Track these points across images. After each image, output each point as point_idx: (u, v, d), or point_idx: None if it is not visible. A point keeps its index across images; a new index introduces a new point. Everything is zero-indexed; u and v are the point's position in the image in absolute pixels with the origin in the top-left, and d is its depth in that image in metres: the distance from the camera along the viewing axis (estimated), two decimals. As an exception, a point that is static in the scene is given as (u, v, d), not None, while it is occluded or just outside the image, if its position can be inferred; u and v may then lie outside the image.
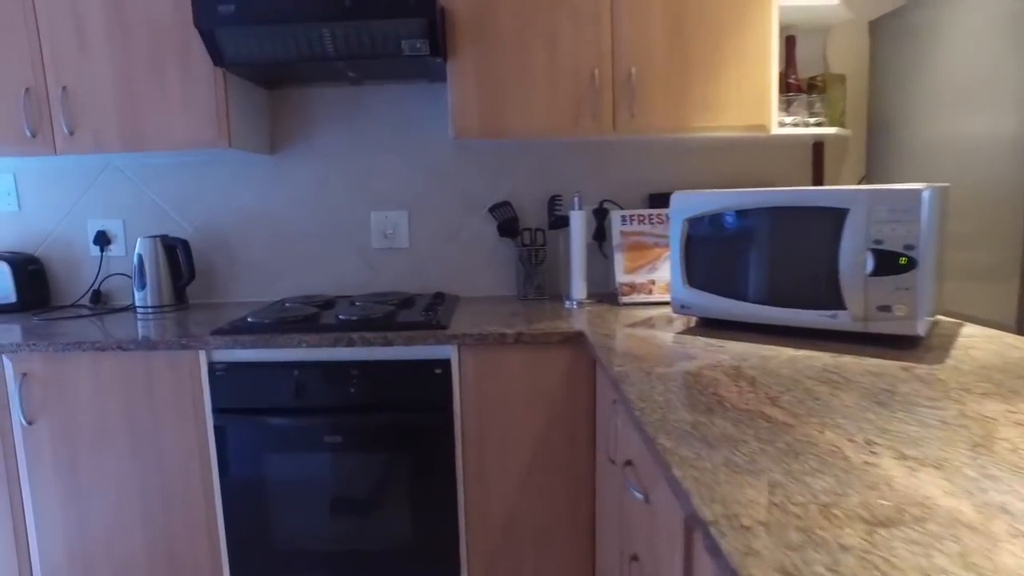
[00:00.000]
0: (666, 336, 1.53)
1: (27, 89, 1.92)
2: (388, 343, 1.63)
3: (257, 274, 2.27)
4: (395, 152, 2.19)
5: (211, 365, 1.69)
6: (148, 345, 1.67)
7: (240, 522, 1.74)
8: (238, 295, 2.29)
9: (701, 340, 1.47)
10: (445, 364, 1.66)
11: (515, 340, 1.62)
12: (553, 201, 2.11)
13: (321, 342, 1.63)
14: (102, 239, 2.27)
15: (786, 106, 1.92)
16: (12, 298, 2.19)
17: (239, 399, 1.69)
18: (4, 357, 1.75)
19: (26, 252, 2.32)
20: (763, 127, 1.86)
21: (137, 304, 2.10)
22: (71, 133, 1.92)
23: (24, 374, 1.75)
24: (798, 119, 1.92)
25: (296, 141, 2.21)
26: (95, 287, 2.30)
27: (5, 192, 2.31)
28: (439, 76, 2.05)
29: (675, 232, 1.63)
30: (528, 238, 2.18)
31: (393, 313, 1.79)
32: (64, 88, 1.91)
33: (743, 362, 1.27)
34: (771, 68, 1.83)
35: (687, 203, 1.60)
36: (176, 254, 2.12)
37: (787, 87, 1.96)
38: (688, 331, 1.58)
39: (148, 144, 1.91)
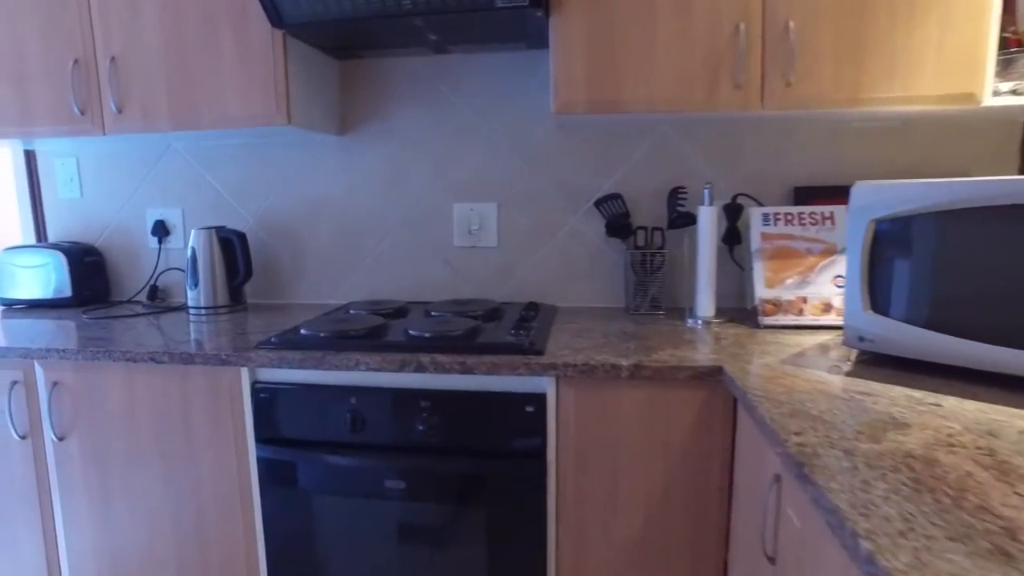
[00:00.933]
0: (844, 382, 1.10)
1: (76, 60, 1.70)
2: (468, 370, 1.28)
3: (322, 272, 1.99)
4: (484, 134, 1.85)
5: (254, 386, 1.40)
6: (183, 359, 1.40)
7: (283, 569, 1.44)
8: (301, 296, 2.01)
9: (898, 391, 1.04)
10: (539, 400, 1.29)
11: (631, 374, 1.24)
12: (676, 194, 1.70)
13: (384, 364, 1.30)
14: (161, 229, 2.05)
15: (1002, 68, 1.43)
16: (67, 292, 2.00)
17: (286, 428, 1.39)
18: (36, 364, 1.53)
19: (86, 242, 2.13)
20: (972, 97, 1.38)
21: (190, 304, 1.86)
22: (119, 110, 1.69)
23: (55, 383, 1.52)
24: (1019, 85, 1.42)
25: (369, 120, 1.90)
26: (152, 282, 2.09)
27: (67, 178, 2.13)
28: (538, 40, 1.69)
29: (855, 237, 1.20)
30: (642, 238, 1.78)
31: (475, 331, 1.44)
32: (113, 59, 1.67)
33: (991, 438, 0.83)
34: (990, 17, 1.35)
35: (876, 198, 1.17)
36: (232, 248, 1.86)
37: (1003, 43, 1.46)
38: (863, 369, 1.15)
39: (199, 121, 1.65)
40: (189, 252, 1.84)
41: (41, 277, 2.01)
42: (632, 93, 1.46)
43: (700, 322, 1.60)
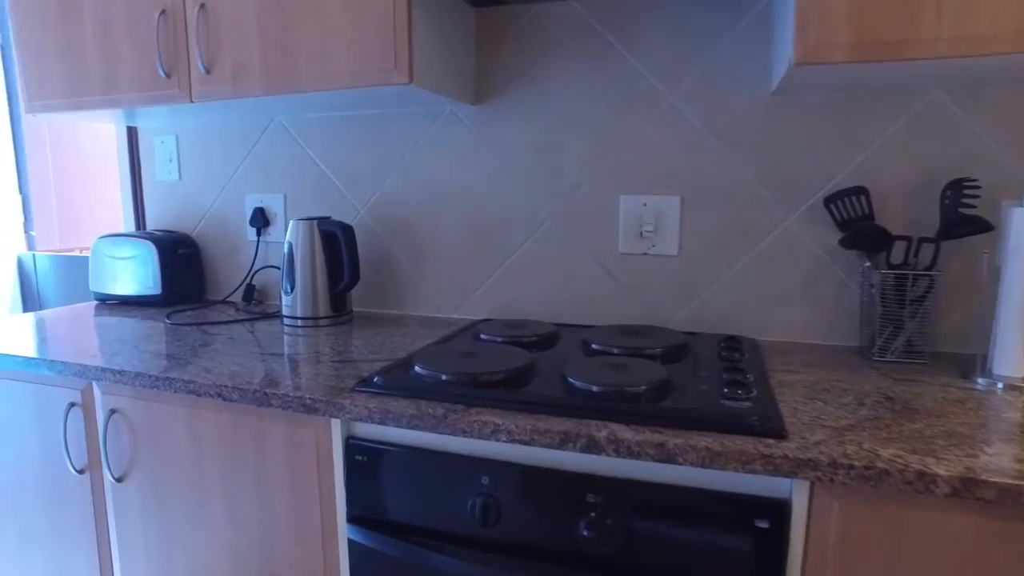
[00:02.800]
0: None
1: (163, 11, 1.38)
2: (668, 457, 0.81)
3: (446, 278, 1.58)
4: (667, 104, 1.36)
5: (348, 443, 1.00)
6: (257, 398, 1.02)
7: None
8: (418, 306, 1.62)
9: None
10: (777, 511, 0.80)
11: (952, 492, 0.72)
12: (958, 189, 1.14)
13: (534, 436, 0.86)
14: (260, 218, 1.73)
15: None
16: (156, 289, 1.72)
17: (390, 506, 0.98)
18: (95, 385, 1.22)
19: (182, 231, 1.86)
20: None
21: (284, 313, 1.51)
22: (208, 71, 1.35)
23: (112, 411, 1.20)
24: None
25: (512, 84, 1.47)
26: (248, 281, 1.77)
27: (166, 158, 1.86)
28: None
29: None
30: (900, 253, 1.23)
31: (667, 386, 0.97)
32: (202, 6, 1.34)
33: None
34: None
35: None
36: (336, 244, 1.49)
37: None
38: None
39: (297, 81, 1.28)
40: (285, 248, 1.49)
41: (132, 270, 1.74)
42: (935, 28, 0.92)
43: (1001, 384, 1.05)
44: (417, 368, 1.04)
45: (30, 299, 2.49)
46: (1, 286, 2.45)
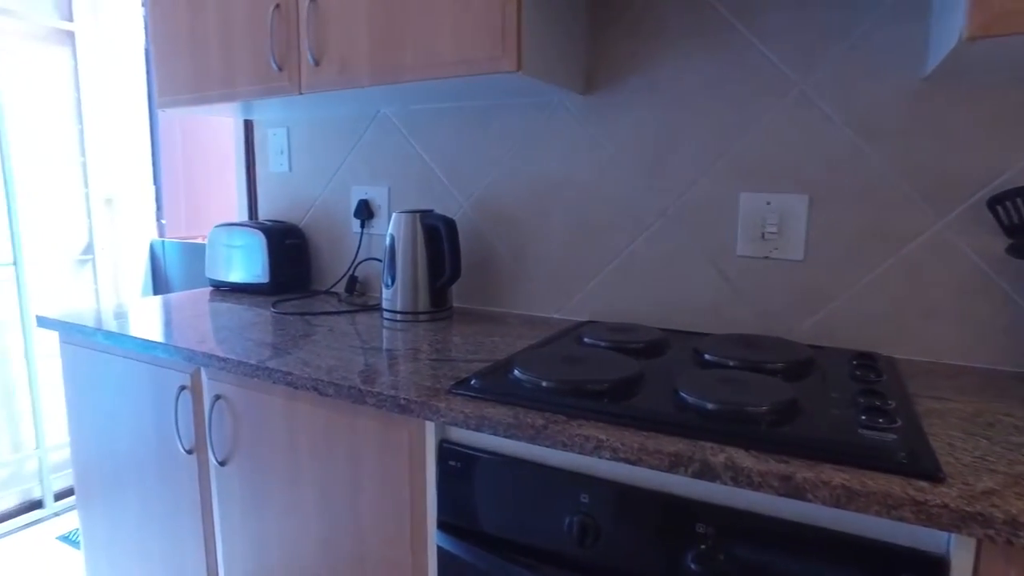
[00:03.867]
0: None
1: (277, 5, 1.40)
2: (796, 492, 0.71)
3: (550, 276, 1.51)
4: (797, 92, 1.23)
5: (442, 447, 0.96)
6: (352, 395, 1.00)
7: None
8: (519, 303, 1.56)
9: None
10: (929, 568, 0.68)
11: None
12: None
13: (641, 456, 0.78)
14: (364, 210, 1.73)
15: None
16: (264, 277, 1.76)
17: (481, 515, 0.93)
18: (203, 371, 1.25)
19: (291, 222, 1.90)
20: None
21: (384, 306, 1.49)
22: (317, 63, 1.35)
23: (217, 396, 1.22)
24: None
25: (626, 73, 1.38)
26: (350, 272, 1.78)
27: (278, 150, 1.91)
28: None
29: None
30: (1078, 263, 1.05)
31: (793, 408, 0.86)
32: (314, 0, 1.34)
33: None
34: None
35: None
36: (439, 238, 1.46)
37: None
38: None
39: (403, 69, 1.24)
40: (387, 240, 1.47)
41: (243, 258, 1.80)
42: None
43: None
44: (516, 372, 0.98)
45: (159, 282, 2.65)
46: (136, 269, 2.62)
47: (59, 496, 2.52)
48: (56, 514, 2.49)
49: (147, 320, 1.45)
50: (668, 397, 0.91)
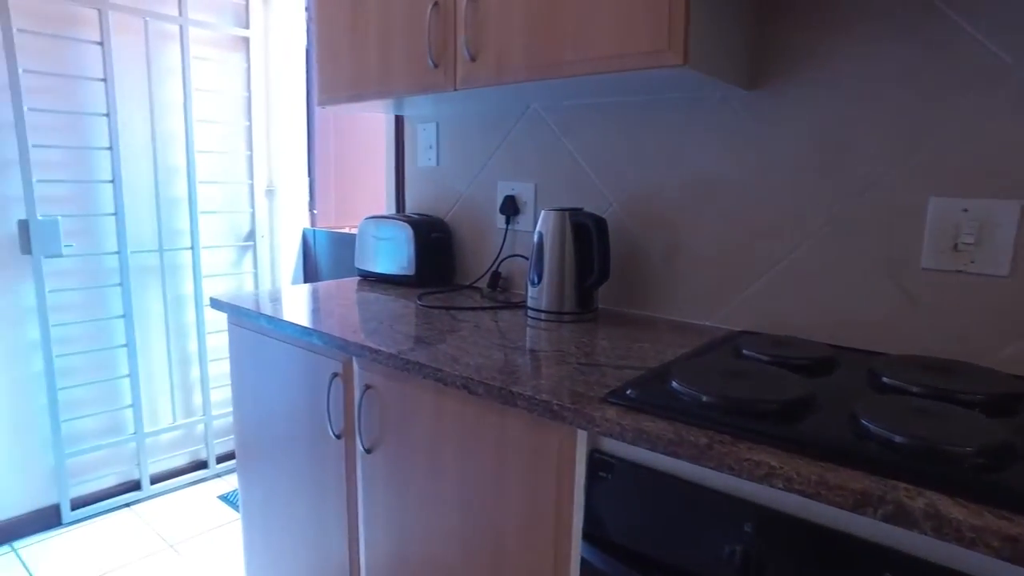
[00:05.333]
0: None
1: (436, 4, 1.41)
2: (1019, 558, 0.61)
3: (701, 282, 1.43)
4: (1014, 81, 1.07)
5: (592, 456, 0.93)
6: (502, 396, 0.99)
7: None
8: (666, 308, 1.49)
9: None
10: None
11: None
12: None
13: (819, 490, 0.70)
14: (510, 206, 1.73)
15: None
16: (410, 270, 1.81)
17: (629, 532, 0.89)
18: (355, 361, 1.30)
19: (436, 216, 1.94)
20: None
21: (529, 304, 1.48)
22: (473, 59, 1.35)
23: (367, 386, 1.26)
24: None
25: (798, 65, 1.27)
26: (494, 268, 1.79)
27: (427, 145, 1.95)
28: None
29: None
30: None
31: (1007, 450, 0.74)
32: (474, -8, 1.34)
33: None
34: None
35: None
36: (588, 237, 1.42)
37: None
38: None
39: (559, 65, 1.22)
40: (535, 237, 1.46)
41: (390, 250, 1.85)
42: None
43: None
44: (675, 384, 0.93)
45: (309, 267, 2.82)
46: (290, 255, 2.80)
47: (221, 459, 2.75)
48: (218, 475, 2.72)
49: (304, 307, 1.53)
50: (846, 424, 0.82)
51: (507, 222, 1.74)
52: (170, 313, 2.55)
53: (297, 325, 1.36)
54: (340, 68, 1.66)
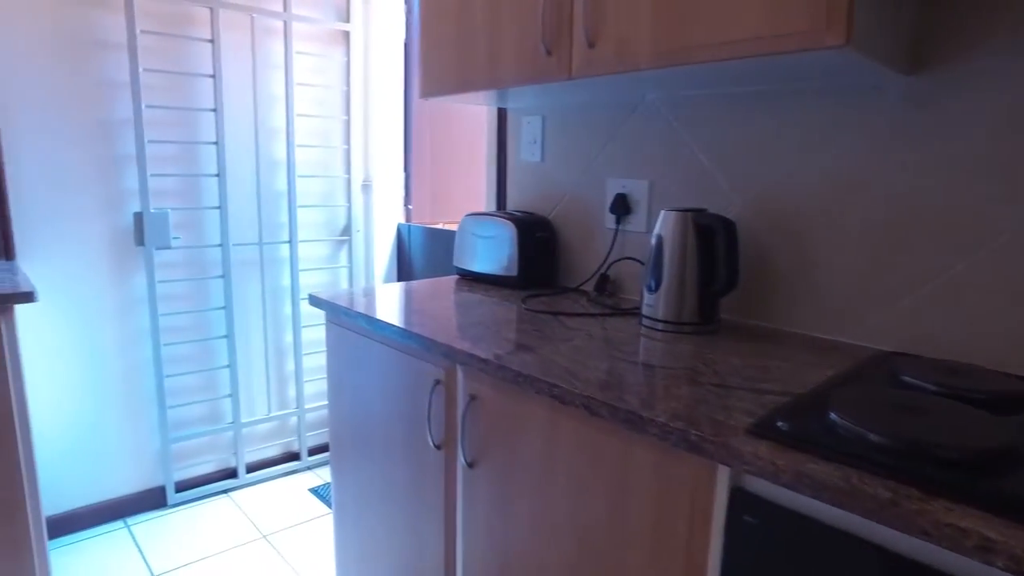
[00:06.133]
0: None
1: (552, -17, 1.32)
2: None
3: (841, 292, 1.28)
4: None
5: (735, 495, 0.81)
6: (628, 420, 0.88)
7: None
8: (798, 321, 1.34)
9: None
10: None
11: None
12: None
13: (1045, 565, 0.56)
14: (621, 205, 1.61)
15: None
16: (513, 270, 1.72)
17: (781, 589, 0.76)
18: (459, 369, 1.22)
19: (540, 214, 1.84)
20: None
21: (644, 312, 1.36)
22: (591, 45, 1.25)
23: (472, 397, 1.18)
24: None
25: (975, 43, 1.09)
26: (602, 270, 1.68)
27: (531, 139, 1.86)
28: None
29: None
30: None
31: None
32: (595, -28, 1.23)
33: None
34: None
35: None
36: (714, 241, 1.29)
37: None
38: None
39: (691, 50, 1.09)
40: (653, 240, 1.34)
41: (491, 249, 1.78)
42: None
43: None
44: (834, 416, 0.80)
45: (403, 264, 2.80)
46: (384, 250, 2.79)
47: (312, 452, 2.77)
48: (309, 467, 2.74)
49: (403, 307, 1.47)
50: (1068, 482, 0.66)
51: (617, 222, 1.63)
52: (267, 306, 2.58)
53: (398, 328, 1.30)
54: (445, 58, 1.59)
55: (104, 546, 2.19)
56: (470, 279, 1.86)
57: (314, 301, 1.60)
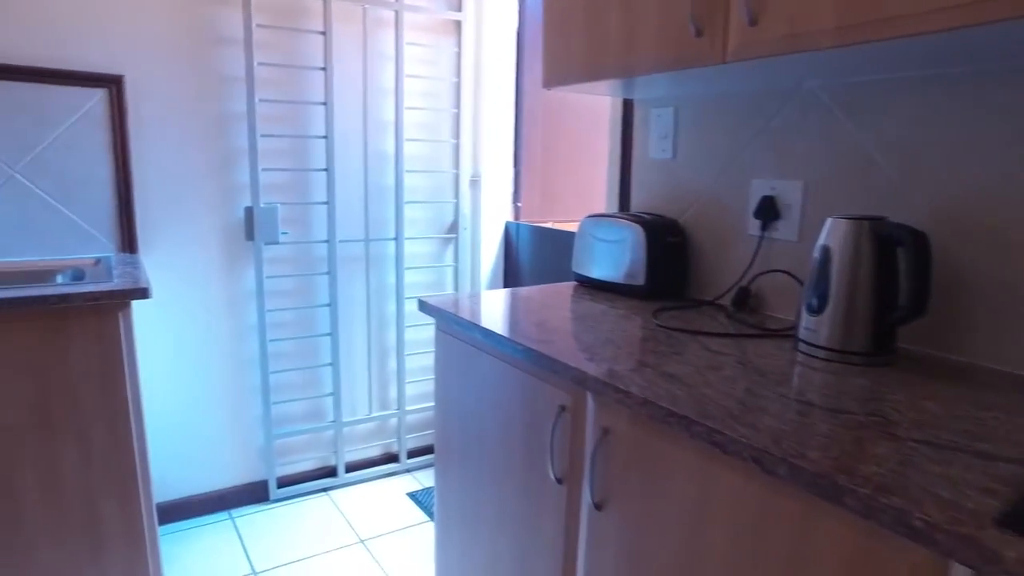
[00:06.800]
0: None
1: (706, -48, 1.13)
2: None
3: (1061, 324, 1.03)
4: None
5: (978, 608, 0.61)
6: (821, 487, 0.70)
7: None
8: (1006, 355, 1.09)
9: None
10: None
11: None
12: None
13: None
14: (767, 210, 1.41)
15: None
16: (640, 279, 1.55)
17: None
18: (590, 396, 1.07)
19: (669, 217, 1.66)
20: None
21: (802, 336, 1.16)
22: (753, 22, 1.06)
23: (605, 430, 1.03)
24: None
25: None
26: (743, 283, 1.48)
27: (661, 134, 1.68)
28: None
29: None
30: None
31: None
32: (762, -64, 1.04)
33: None
34: None
35: None
36: (896, 257, 1.07)
37: None
38: None
39: (890, 21, 0.88)
40: (817, 252, 1.13)
41: (614, 254, 1.61)
42: None
43: None
44: None
45: (510, 264, 2.68)
46: (491, 248, 2.67)
47: (412, 454, 2.70)
48: (408, 470, 2.68)
49: (521, 318, 1.33)
50: None
51: (762, 228, 1.42)
52: (371, 304, 2.53)
53: (521, 345, 1.16)
54: (571, 44, 1.44)
55: (210, 536, 2.20)
56: (589, 286, 1.71)
57: (424, 307, 1.49)
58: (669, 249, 1.55)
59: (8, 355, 1.44)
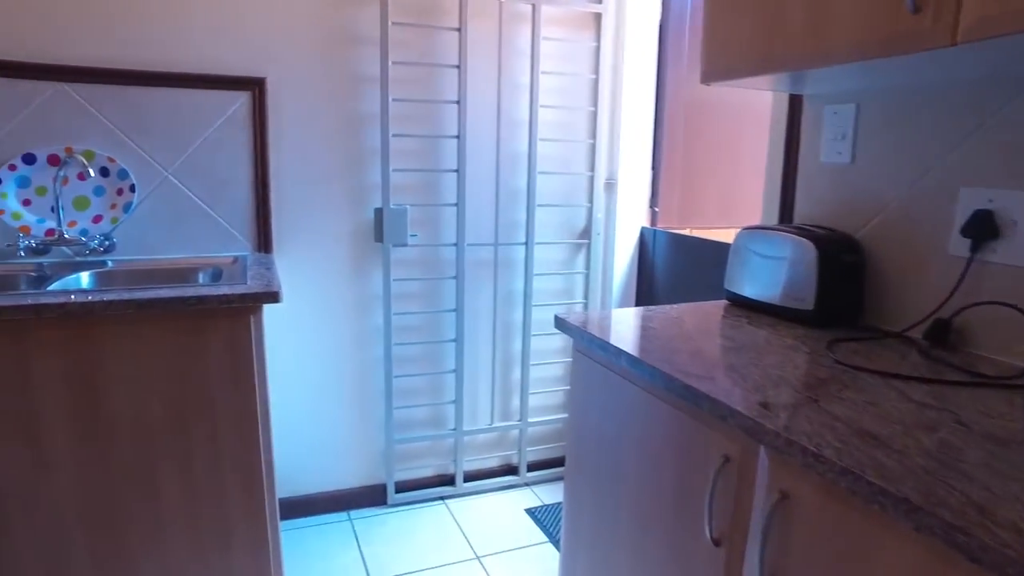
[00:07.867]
0: None
1: (927, -89, 0.92)
2: None
3: None
4: None
5: None
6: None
7: None
8: None
9: None
10: None
11: None
12: None
13: None
14: (981, 227, 1.15)
15: None
16: (808, 302, 1.34)
17: None
18: (764, 451, 0.89)
19: (843, 231, 1.43)
20: None
21: (1041, 391, 0.92)
22: (1002, -10, 0.83)
23: (783, 494, 0.85)
24: None
25: None
26: (941, 314, 1.22)
27: (837, 135, 1.45)
28: None
29: None
30: None
31: None
32: None
33: None
34: None
35: None
36: None
37: None
38: None
39: None
40: (1068, 288, 0.89)
41: (776, 272, 1.40)
42: None
43: None
44: None
45: (644, 272, 2.50)
46: (624, 255, 2.50)
47: (532, 467, 2.59)
48: (527, 484, 2.57)
49: (671, 345, 1.17)
50: None
51: (972, 248, 1.17)
52: (498, 311, 2.43)
53: (677, 380, 1.00)
54: (739, 30, 1.25)
55: (328, 535, 2.20)
56: (744, 307, 1.51)
57: (560, 325, 1.36)
58: (845, 269, 1.33)
59: (151, 355, 1.46)
